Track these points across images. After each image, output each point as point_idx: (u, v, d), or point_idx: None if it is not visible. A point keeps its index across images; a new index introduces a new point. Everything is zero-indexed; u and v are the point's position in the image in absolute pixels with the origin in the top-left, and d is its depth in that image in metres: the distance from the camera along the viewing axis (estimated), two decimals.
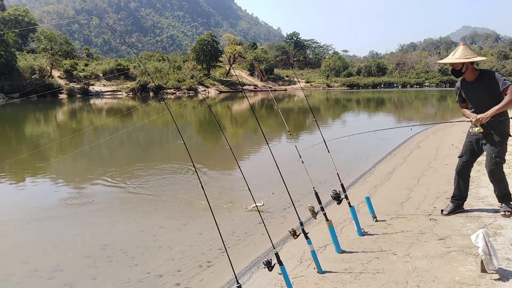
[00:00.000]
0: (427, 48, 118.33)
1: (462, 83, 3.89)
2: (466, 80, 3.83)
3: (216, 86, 52.65)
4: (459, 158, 4.04)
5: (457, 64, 3.71)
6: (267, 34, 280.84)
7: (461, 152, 4.03)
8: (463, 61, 3.67)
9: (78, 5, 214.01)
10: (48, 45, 43.57)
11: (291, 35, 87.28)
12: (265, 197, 5.50)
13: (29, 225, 4.92)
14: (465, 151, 3.96)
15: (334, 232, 3.42)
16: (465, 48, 3.73)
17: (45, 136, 13.82)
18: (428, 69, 76.57)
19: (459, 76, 3.81)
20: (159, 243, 4.21)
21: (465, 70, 3.74)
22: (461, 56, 3.68)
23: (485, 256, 2.71)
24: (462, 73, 3.75)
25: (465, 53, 3.69)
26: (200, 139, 13.21)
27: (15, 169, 7.91)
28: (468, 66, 3.72)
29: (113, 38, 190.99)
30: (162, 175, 7.17)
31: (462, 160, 4.00)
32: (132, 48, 4.91)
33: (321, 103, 31.90)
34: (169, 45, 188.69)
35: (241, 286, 2.60)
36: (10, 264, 3.88)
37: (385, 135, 13.01)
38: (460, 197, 4.06)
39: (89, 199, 5.80)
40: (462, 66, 3.70)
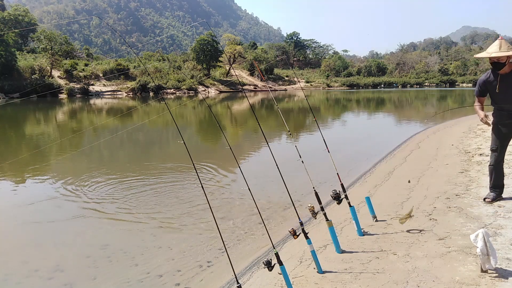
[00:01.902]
0: (427, 48, 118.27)
1: (493, 76, 3.94)
2: (500, 73, 3.89)
3: (216, 86, 52.65)
4: (493, 151, 4.14)
5: (503, 57, 3.76)
6: (267, 34, 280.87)
7: (494, 145, 4.12)
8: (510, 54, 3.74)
9: (78, 5, 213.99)
10: (48, 45, 43.57)
11: (291, 35, 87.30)
12: (274, 197, 5.50)
13: (29, 225, 4.92)
14: (500, 143, 4.08)
15: (334, 232, 3.42)
16: (506, 41, 3.81)
17: (45, 136, 13.82)
18: (428, 69, 76.61)
19: (500, 69, 3.85)
20: (159, 243, 4.21)
21: (507, 62, 3.82)
22: (508, 49, 3.76)
23: (482, 256, 2.72)
24: (504, 65, 3.81)
25: (509, 46, 3.79)
26: (200, 139, 13.21)
27: (15, 169, 7.91)
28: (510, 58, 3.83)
29: (113, 38, 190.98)
30: (162, 175, 7.17)
31: (497, 153, 4.11)
32: (132, 48, 4.91)
33: (321, 103, 31.90)
34: (169, 45, 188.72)
35: (241, 286, 2.60)
36: (10, 264, 3.88)
37: (385, 135, 13.01)
38: (499, 185, 4.27)
39: (89, 199, 5.79)
40: (506, 59, 3.77)
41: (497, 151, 4.09)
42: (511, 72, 3.86)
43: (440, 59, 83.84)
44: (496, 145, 4.10)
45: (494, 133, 4.10)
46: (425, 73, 75.45)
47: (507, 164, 6.00)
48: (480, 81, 4.05)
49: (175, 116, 18.42)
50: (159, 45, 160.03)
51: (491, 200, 4.21)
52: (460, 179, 5.00)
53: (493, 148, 4.15)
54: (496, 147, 4.10)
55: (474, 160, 6.60)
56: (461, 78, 73.76)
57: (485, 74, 4.03)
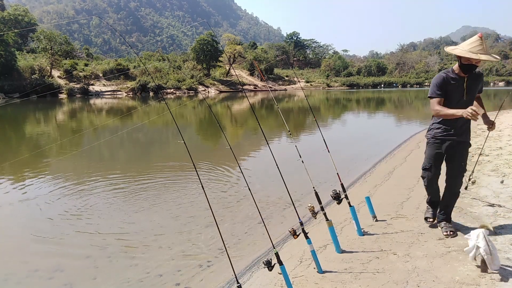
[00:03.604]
0: (427, 48, 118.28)
1: (455, 78, 3.32)
2: (458, 75, 3.33)
3: (216, 86, 52.64)
4: (424, 169, 3.58)
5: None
6: (267, 34, 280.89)
7: (427, 163, 3.55)
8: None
9: (78, 5, 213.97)
10: (48, 45, 43.58)
11: (291, 35, 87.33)
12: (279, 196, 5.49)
13: (28, 225, 4.91)
14: (434, 161, 3.52)
15: (334, 232, 3.42)
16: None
17: (45, 136, 13.82)
18: (428, 69, 76.60)
19: (471, 71, 3.28)
20: (159, 243, 4.21)
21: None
22: (491, 52, 3.26)
23: (487, 256, 2.71)
24: (476, 67, 3.26)
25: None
26: (200, 139, 13.20)
27: (15, 168, 7.91)
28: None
29: (113, 38, 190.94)
30: (162, 175, 7.17)
31: (430, 172, 3.55)
32: (132, 48, 4.91)
33: (321, 103, 31.90)
34: (169, 45, 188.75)
35: (241, 286, 2.60)
36: (10, 264, 3.88)
37: (385, 135, 13.01)
38: (436, 201, 3.75)
39: (89, 199, 5.79)
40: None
41: (430, 171, 3.54)
42: (472, 74, 3.32)
43: (440, 59, 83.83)
44: (430, 163, 3.53)
45: (431, 147, 3.51)
46: (425, 73, 75.46)
47: (507, 164, 6.01)
48: (440, 80, 3.32)
49: (175, 116, 18.43)
50: (159, 45, 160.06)
51: (433, 220, 3.76)
52: None
53: (427, 166, 3.55)
54: (430, 165, 3.53)
55: (474, 160, 6.59)
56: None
57: (440, 72, 3.40)
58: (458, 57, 3.23)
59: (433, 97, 3.34)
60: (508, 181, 5.10)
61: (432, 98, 3.34)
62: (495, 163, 6.18)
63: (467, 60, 3.19)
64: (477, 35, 3.20)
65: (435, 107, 3.30)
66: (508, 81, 71.60)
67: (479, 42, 3.14)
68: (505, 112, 16.17)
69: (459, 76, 3.33)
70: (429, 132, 3.59)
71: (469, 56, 3.13)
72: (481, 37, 3.16)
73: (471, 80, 3.33)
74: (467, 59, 3.17)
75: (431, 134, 3.55)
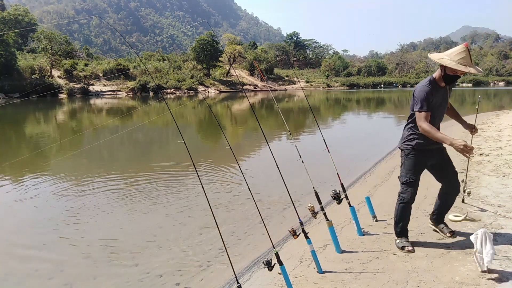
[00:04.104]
0: (427, 48, 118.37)
1: (436, 88, 3.12)
2: (440, 85, 3.14)
3: (216, 86, 52.65)
4: (408, 184, 3.24)
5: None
6: (267, 34, 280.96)
7: (412, 177, 3.22)
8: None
9: (78, 5, 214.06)
10: (48, 45, 43.59)
11: (291, 35, 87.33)
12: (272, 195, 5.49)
13: (28, 225, 4.91)
14: (418, 174, 3.26)
15: (334, 232, 3.42)
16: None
17: (45, 136, 13.82)
18: (428, 69, 76.55)
19: (454, 82, 3.15)
20: (159, 243, 4.21)
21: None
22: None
23: (478, 255, 2.72)
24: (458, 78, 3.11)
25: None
26: (200, 139, 13.20)
27: (15, 168, 7.91)
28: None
29: (113, 38, 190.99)
30: (162, 175, 7.17)
31: (414, 188, 3.24)
32: (132, 48, 4.90)
33: (321, 103, 31.90)
34: (169, 45, 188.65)
35: (241, 286, 2.60)
36: (10, 264, 3.88)
37: (385, 134, 13.01)
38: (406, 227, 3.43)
39: (89, 199, 5.79)
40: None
41: (414, 185, 3.23)
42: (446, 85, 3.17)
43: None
44: (414, 176, 3.22)
45: (413, 159, 3.24)
46: (425, 73, 75.31)
47: (507, 164, 6.00)
48: (427, 94, 3.05)
49: (175, 116, 18.43)
50: (159, 45, 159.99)
51: (412, 249, 3.28)
52: (460, 178, 5.00)
53: (411, 179, 3.21)
54: (414, 178, 3.22)
55: (474, 160, 6.60)
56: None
57: (425, 83, 3.12)
58: (442, 66, 3.04)
59: (421, 111, 3.07)
60: (508, 181, 5.10)
61: (421, 112, 3.07)
62: (495, 163, 6.17)
63: (453, 71, 3.01)
64: (463, 45, 3.03)
65: (424, 124, 3.04)
66: (508, 81, 71.56)
67: (466, 52, 2.98)
68: (505, 112, 16.17)
69: (441, 86, 3.14)
70: (407, 142, 3.29)
71: (460, 68, 2.95)
72: (467, 47, 3.02)
73: (450, 89, 3.26)
74: (454, 70, 2.99)
75: (410, 144, 3.26)
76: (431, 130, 2.99)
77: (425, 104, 3.05)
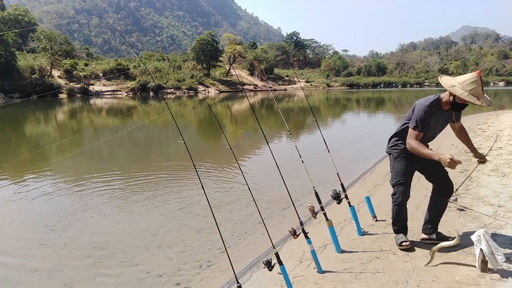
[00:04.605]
0: (427, 47, 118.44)
1: (437, 111, 3.08)
2: (443, 108, 3.10)
3: (216, 86, 52.65)
4: (399, 186, 3.23)
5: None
6: (267, 33, 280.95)
7: (402, 177, 3.22)
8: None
9: (78, 5, 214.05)
10: (48, 44, 43.58)
11: (291, 35, 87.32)
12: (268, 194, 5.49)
13: (28, 225, 4.91)
14: (408, 175, 3.25)
15: (334, 232, 3.42)
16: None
17: (45, 136, 13.83)
18: (428, 69, 76.63)
19: (460, 110, 3.10)
20: (159, 243, 4.21)
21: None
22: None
23: (490, 255, 2.70)
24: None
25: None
26: (200, 139, 13.21)
27: (15, 168, 7.90)
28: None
29: (113, 37, 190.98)
30: (162, 175, 7.17)
31: (405, 186, 3.23)
32: (132, 48, 4.90)
33: (321, 103, 31.90)
34: (169, 45, 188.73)
35: (241, 285, 2.60)
36: (10, 264, 3.88)
37: (385, 134, 13.01)
38: (405, 225, 3.44)
39: (89, 199, 5.79)
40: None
41: (405, 185, 3.22)
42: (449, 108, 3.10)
43: (440, 59, 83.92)
44: (404, 177, 3.21)
45: (402, 161, 3.23)
46: (425, 73, 75.47)
47: (507, 164, 6.01)
48: (425, 115, 3.01)
49: (175, 116, 18.42)
50: (159, 45, 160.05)
51: (409, 243, 3.32)
52: (460, 179, 5.00)
53: (401, 181, 3.20)
54: (404, 179, 3.21)
55: (474, 160, 6.59)
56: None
57: (427, 103, 3.03)
58: (452, 93, 2.92)
59: (415, 130, 3.03)
60: (508, 180, 5.10)
61: (414, 130, 3.03)
62: (495, 163, 6.18)
63: (463, 100, 2.89)
64: (476, 73, 2.88)
65: (412, 141, 3.01)
66: (508, 81, 71.56)
67: (479, 82, 2.85)
68: (505, 112, 16.17)
69: (443, 110, 3.08)
70: (394, 147, 3.30)
71: (471, 100, 2.83)
72: (480, 76, 2.87)
73: (458, 114, 3.21)
74: (464, 100, 2.87)
75: (399, 148, 3.26)
76: (418, 147, 2.98)
77: (420, 124, 3.02)
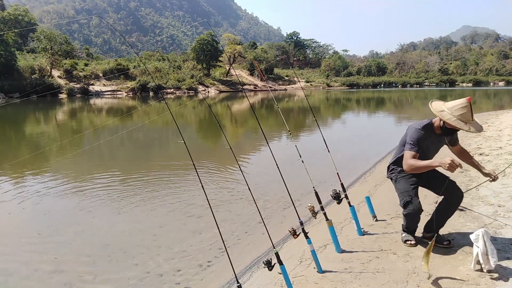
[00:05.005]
0: (427, 47, 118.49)
1: (429, 134, 3.18)
2: (435, 132, 3.20)
3: (216, 86, 52.64)
4: (407, 205, 3.18)
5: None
6: (267, 33, 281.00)
7: (408, 195, 3.18)
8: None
9: (78, 5, 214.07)
10: (48, 44, 43.59)
11: (291, 35, 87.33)
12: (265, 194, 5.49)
13: (28, 225, 4.91)
14: (414, 193, 3.22)
15: (334, 232, 3.42)
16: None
17: (45, 136, 13.82)
18: (428, 69, 76.66)
19: (452, 134, 3.23)
20: (159, 242, 4.21)
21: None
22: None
23: (482, 256, 2.71)
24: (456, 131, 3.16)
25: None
26: (200, 139, 13.20)
27: (15, 169, 7.90)
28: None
29: (113, 37, 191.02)
30: (162, 175, 7.17)
31: (414, 203, 3.18)
32: (132, 47, 4.90)
33: (321, 103, 31.90)
34: (169, 45, 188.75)
35: (241, 285, 2.60)
36: (10, 264, 3.87)
37: (385, 134, 13.00)
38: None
39: (89, 198, 5.79)
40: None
41: (414, 201, 3.16)
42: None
43: (440, 59, 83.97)
44: (410, 194, 3.18)
45: (403, 180, 3.28)
46: (425, 73, 75.51)
47: (507, 164, 6.00)
48: (419, 136, 3.11)
49: (175, 116, 18.42)
50: (159, 45, 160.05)
51: (415, 243, 3.37)
52: (460, 179, 5.00)
53: (408, 199, 3.16)
54: (410, 197, 3.16)
55: None
56: (461, 77, 73.85)
57: (420, 127, 3.15)
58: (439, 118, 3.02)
59: (411, 151, 3.07)
60: (508, 180, 5.10)
61: (410, 151, 3.07)
62: (495, 163, 6.18)
63: (451, 125, 2.98)
64: (466, 99, 2.95)
65: (409, 161, 3.03)
66: (508, 81, 71.57)
67: (468, 108, 2.92)
68: (505, 112, 16.17)
69: (436, 134, 3.17)
70: (392, 171, 3.40)
71: (459, 126, 2.93)
72: (470, 102, 2.94)
73: (454, 137, 3.28)
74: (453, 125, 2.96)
75: (396, 171, 3.35)
76: (416, 162, 3.00)
77: (415, 145, 3.08)
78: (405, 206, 3.19)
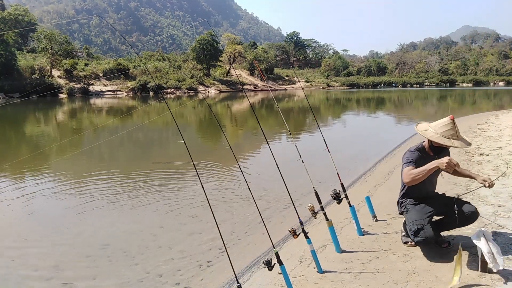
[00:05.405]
0: (427, 47, 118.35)
1: (427, 155, 3.25)
2: (429, 154, 3.26)
3: (216, 86, 52.65)
4: (420, 230, 3.02)
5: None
6: (267, 33, 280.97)
7: (418, 225, 3.04)
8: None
9: (78, 5, 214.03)
10: (48, 44, 43.58)
11: (291, 35, 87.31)
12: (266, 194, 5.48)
13: (28, 225, 4.91)
14: (425, 218, 3.09)
15: (334, 232, 3.42)
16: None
17: (45, 136, 13.82)
18: (428, 69, 76.64)
19: (441, 153, 3.24)
20: (159, 243, 4.21)
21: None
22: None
23: (489, 255, 2.70)
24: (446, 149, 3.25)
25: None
26: (200, 139, 13.20)
27: (15, 169, 7.91)
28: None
29: (113, 37, 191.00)
30: (162, 175, 7.17)
31: (427, 230, 3.02)
32: (132, 47, 4.90)
33: (321, 103, 31.89)
34: (169, 45, 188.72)
35: (241, 285, 2.60)
36: (10, 264, 3.87)
37: (385, 134, 13.01)
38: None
39: (89, 198, 5.79)
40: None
41: (426, 228, 3.01)
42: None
43: (440, 59, 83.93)
44: (422, 222, 3.04)
45: (413, 210, 3.20)
46: (425, 73, 75.50)
47: (508, 164, 6.00)
48: (414, 156, 3.18)
49: (175, 116, 18.42)
50: (159, 45, 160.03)
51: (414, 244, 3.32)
52: (460, 179, 5.00)
53: (419, 226, 3.02)
54: (422, 224, 3.02)
55: (474, 160, 6.60)
56: (461, 77, 73.86)
57: (412, 150, 3.27)
58: (424, 136, 3.14)
59: (407, 166, 3.10)
60: (508, 180, 5.09)
61: (407, 167, 3.10)
62: (495, 163, 6.18)
63: (435, 142, 3.10)
64: (449, 117, 3.05)
65: (408, 173, 3.03)
66: (508, 81, 71.54)
67: (451, 125, 3.03)
68: (505, 112, 16.17)
69: (430, 155, 3.25)
70: (402, 204, 3.37)
71: (442, 142, 3.03)
72: (453, 120, 3.03)
73: (441, 155, 3.26)
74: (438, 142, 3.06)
75: (405, 203, 3.32)
76: (414, 170, 3.01)
77: (411, 162, 3.13)
78: (416, 234, 3.04)
